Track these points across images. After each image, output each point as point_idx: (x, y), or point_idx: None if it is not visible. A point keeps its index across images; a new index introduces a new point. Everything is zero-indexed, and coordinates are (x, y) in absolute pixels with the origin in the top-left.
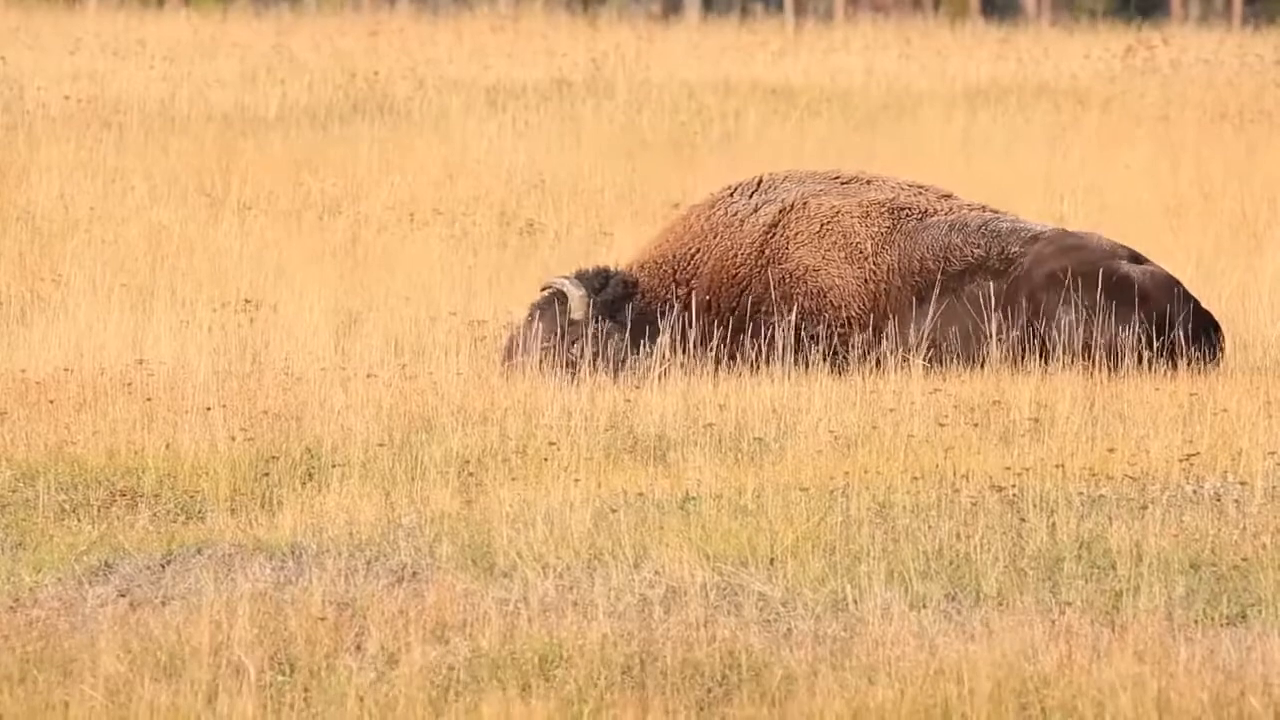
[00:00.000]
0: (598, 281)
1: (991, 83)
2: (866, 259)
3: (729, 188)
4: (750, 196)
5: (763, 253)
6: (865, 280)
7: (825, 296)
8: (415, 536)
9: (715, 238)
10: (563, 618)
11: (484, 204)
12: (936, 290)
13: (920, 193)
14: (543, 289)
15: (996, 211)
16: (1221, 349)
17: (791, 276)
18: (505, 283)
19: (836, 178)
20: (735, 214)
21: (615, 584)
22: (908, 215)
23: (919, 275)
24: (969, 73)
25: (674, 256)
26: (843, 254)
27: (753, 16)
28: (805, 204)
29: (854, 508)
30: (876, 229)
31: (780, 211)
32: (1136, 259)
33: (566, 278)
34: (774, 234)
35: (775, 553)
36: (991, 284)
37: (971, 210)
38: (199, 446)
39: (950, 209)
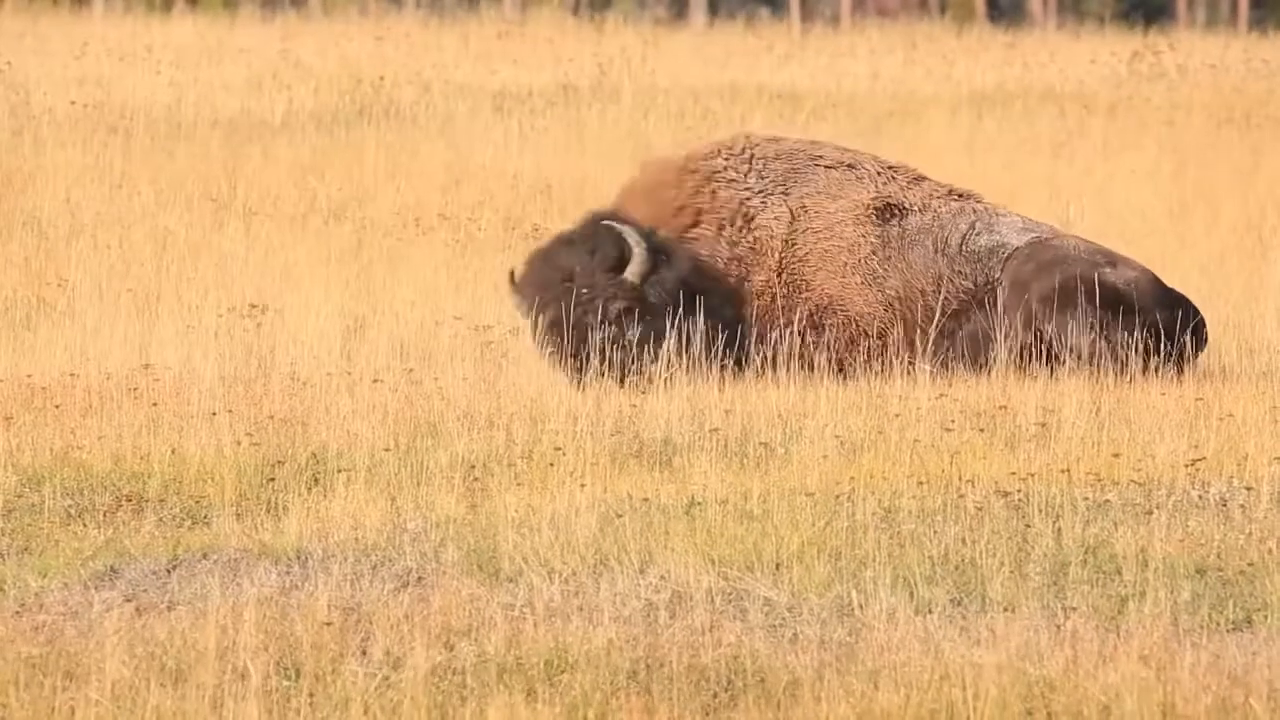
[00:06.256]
0: (656, 246)
1: (997, 88)
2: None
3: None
4: (745, 176)
5: (780, 275)
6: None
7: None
8: (421, 541)
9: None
10: (568, 623)
11: (489, 209)
12: (935, 330)
13: (893, 178)
14: (588, 222)
15: (963, 196)
16: (1206, 336)
17: (817, 308)
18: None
19: (819, 159)
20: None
21: (620, 589)
22: (895, 216)
23: (920, 307)
24: (975, 77)
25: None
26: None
27: (759, 21)
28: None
29: (859, 513)
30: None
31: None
32: (1113, 261)
33: (625, 224)
34: (788, 251)
35: (781, 558)
36: (985, 316)
37: (942, 201)
38: (205, 451)
39: (923, 203)
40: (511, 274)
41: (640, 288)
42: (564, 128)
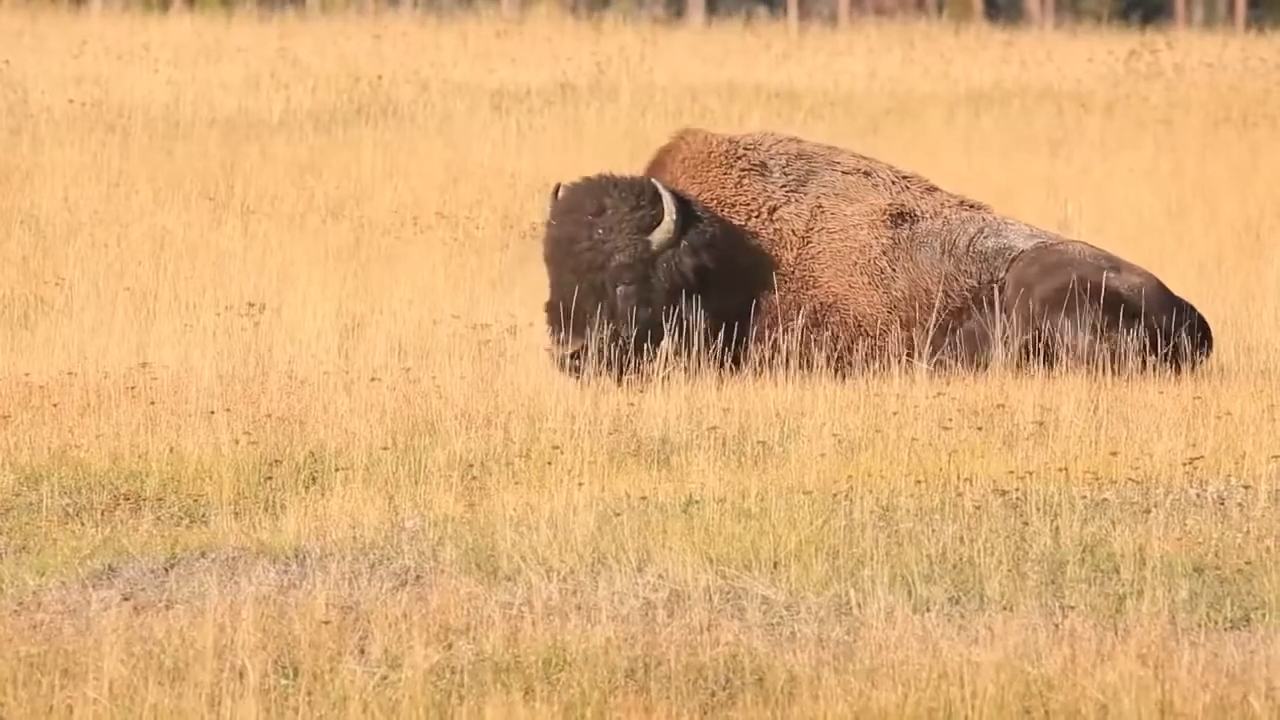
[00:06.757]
0: (688, 221)
1: (994, 86)
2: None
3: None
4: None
5: (793, 271)
6: (890, 308)
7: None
8: (419, 540)
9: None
10: (566, 621)
11: (487, 207)
12: (935, 325)
13: (907, 187)
14: (620, 181)
15: (974, 206)
16: (1211, 343)
17: (823, 305)
18: (508, 286)
19: (837, 164)
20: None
21: (619, 587)
22: (907, 222)
23: (925, 305)
24: (972, 76)
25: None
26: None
27: (756, 20)
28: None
29: (857, 511)
30: (890, 243)
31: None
32: (1117, 267)
33: (664, 186)
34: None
35: (779, 556)
36: (987, 316)
37: (953, 210)
38: (203, 450)
39: (935, 210)
40: (557, 188)
41: (654, 254)
42: (562, 126)
